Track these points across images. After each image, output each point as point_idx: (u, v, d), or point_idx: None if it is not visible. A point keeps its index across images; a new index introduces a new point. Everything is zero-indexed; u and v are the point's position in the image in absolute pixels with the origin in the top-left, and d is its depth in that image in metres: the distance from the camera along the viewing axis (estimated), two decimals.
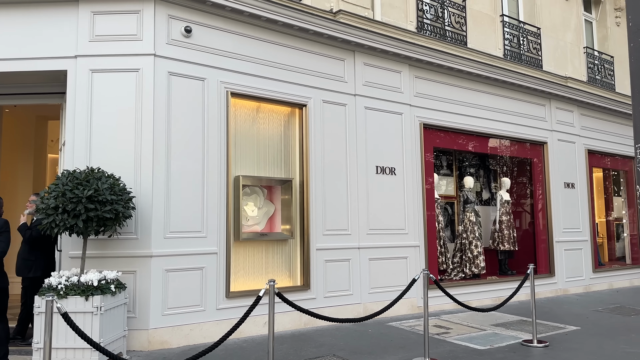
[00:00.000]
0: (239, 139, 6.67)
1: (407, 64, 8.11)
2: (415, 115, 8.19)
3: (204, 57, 6.25)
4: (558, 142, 10.50)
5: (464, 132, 9.02)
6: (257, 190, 6.88)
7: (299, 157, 6.96)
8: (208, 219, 6.08)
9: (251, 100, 6.67)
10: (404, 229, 7.82)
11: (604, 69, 11.99)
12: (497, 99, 9.44)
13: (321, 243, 6.91)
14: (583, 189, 10.86)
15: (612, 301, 9.27)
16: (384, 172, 7.68)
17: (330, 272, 6.96)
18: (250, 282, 6.52)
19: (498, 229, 9.90)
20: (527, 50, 10.37)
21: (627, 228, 12.40)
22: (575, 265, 10.43)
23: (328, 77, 7.24)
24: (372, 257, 7.39)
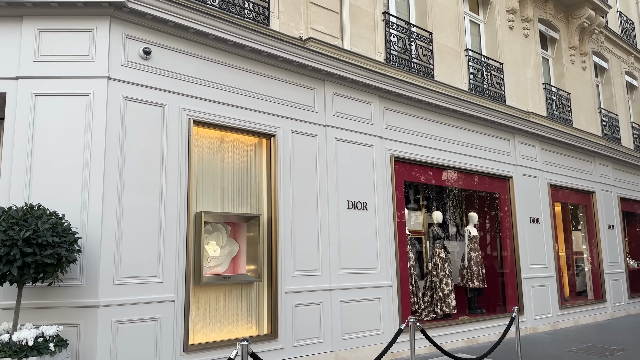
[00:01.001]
0: (202, 172, 6.08)
1: (377, 95, 7.82)
2: (386, 148, 7.86)
3: (164, 81, 5.69)
4: (522, 176, 10.45)
5: (433, 166, 8.77)
6: (220, 227, 6.26)
7: (267, 191, 6.42)
8: (165, 262, 5.40)
9: (215, 129, 6.12)
10: (376, 268, 7.36)
11: (562, 104, 12.21)
12: (464, 132, 9.29)
13: (290, 285, 6.33)
14: (547, 223, 10.82)
15: (582, 339, 9.08)
16: (356, 207, 7.24)
17: (300, 318, 6.36)
18: (211, 333, 5.82)
19: (467, 266, 9.61)
20: (490, 85, 10.37)
21: (588, 263, 12.45)
22: (542, 302, 10.25)
23: (298, 106, 6.82)
24: (344, 300, 6.85)
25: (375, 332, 7.15)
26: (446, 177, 9.19)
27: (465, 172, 9.36)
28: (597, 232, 12.35)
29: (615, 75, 14.77)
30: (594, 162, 12.64)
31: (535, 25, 11.88)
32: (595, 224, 12.37)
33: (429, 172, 8.80)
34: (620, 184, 13.48)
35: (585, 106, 13.10)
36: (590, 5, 12.58)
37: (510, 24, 11.09)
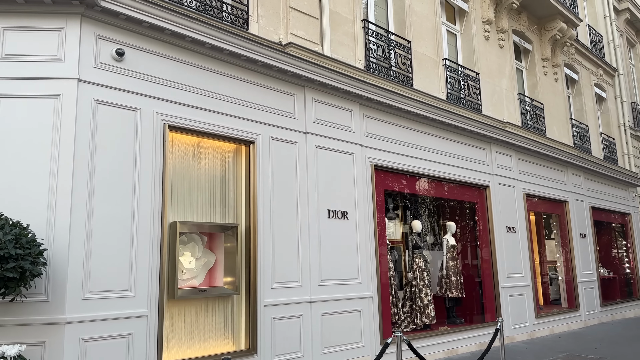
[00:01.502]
0: (177, 179, 5.81)
1: (358, 102, 7.69)
2: (367, 156, 7.73)
3: (138, 84, 5.42)
4: (499, 186, 10.48)
5: (412, 175, 8.69)
6: (195, 238, 5.98)
7: (245, 200, 6.18)
8: (137, 275, 5.10)
9: (192, 134, 5.86)
10: (357, 279, 7.19)
11: (535, 115, 12.36)
12: (442, 141, 9.26)
13: (270, 298, 6.09)
14: (523, 233, 10.87)
15: (559, 348, 9.09)
16: (337, 216, 7.06)
17: (279, 332, 6.12)
18: (186, 350, 5.53)
19: (445, 275, 9.54)
20: (467, 95, 10.40)
21: (561, 271, 12.57)
22: (519, 312, 10.25)
23: (277, 112, 6.62)
24: (325, 312, 6.64)
25: (356, 345, 6.96)
26: (425, 186, 9.13)
27: (443, 181, 9.32)
28: (570, 241, 12.49)
29: (585, 87, 15.10)
30: (567, 171, 12.82)
31: (509, 37, 12.02)
32: (569, 233, 12.51)
33: (408, 181, 8.71)
34: (591, 193, 13.72)
35: (558, 117, 13.31)
36: (562, 18, 12.83)
37: (486, 34, 11.18)
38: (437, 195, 9.70)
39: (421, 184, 9.03)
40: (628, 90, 17.57)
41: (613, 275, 14.55)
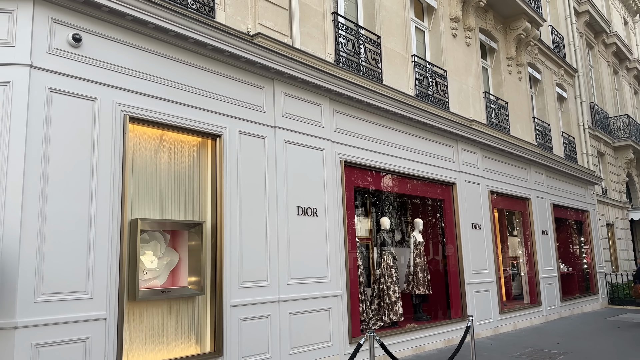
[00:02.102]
0: (138, 174, 5.50)
1: (328, 97, 7.53)
2: (336, 152, 7.58)
3: (97, 72, 5.08)
4: (465, 183, 10.54)
5: (381, 171, 8.60)
6: (157, 236, 5.69)
7: (211, 196, 5.92)
8: (95, 275, 4.78)
9: (154, 127, 5.56)
10: (326, 277, 7.03)
11: (500, 113, 12.52)
12: (411, 138, 9.21)
13: (236, 298, 5.86)
14: (488, 229, 10.98)
15: (524, 344, 9.21)
16: (306, 213, 6.89)
17: (246, 333, 5.90)
18: (148, 354, 5.24)
19: (412, 272, 9.51)
20: (435, 92, 10.40)
21: (524, 267, 12.80)
22: (484, 308, 10.35)
23: (245, 105, 6.38)
24: (294, 311, 6.46)
25: (325, 344, 6.82)
26: (393, 183, 9.06)
27: (411, 178, 9.27)
28: (533, 237, 12.73)
29: (547, 86, 15.42)
30: (530, 169, 13.05)
31: (476, 35, 12.11)
32: (531, 230, 12.75)
33: (377, 178, 8.62)
34: (552, 190, 14.03)
35: (521, 115, 13.53)
36: (527, 18, 13.03)
37: (454, 32, 11.21)
38: (405, 192, 9.65)
39: (390, 180, 8.97)
40: (587, 91, 18.08)
41: (572, 271, 14.95)
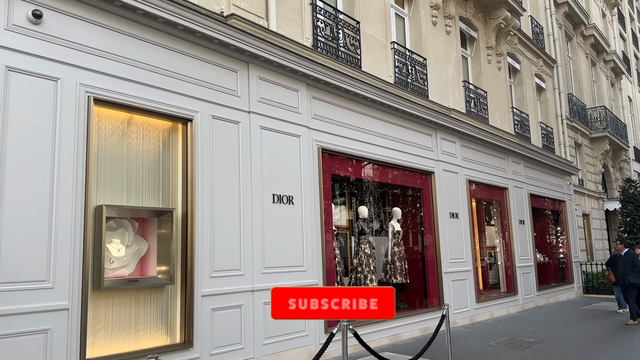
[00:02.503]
0: (104, 159, 5.26)
1: (305, 82, 7.35)
2: (313, 139, 7.42)
3: (59, 51, 4.82)
4: (444, 172, 10.49)
5: (359, 159, 8.47)
6: (126, 224, 5.47)
7: (182, 183, 5.72)
8: (57, 264, 4.56)
9: (121, 110, 5.32)
10: (302, 266, 6.90)
11: (479, 102, 12.48)
12: (390, 126, 9.09)
13: (208, 288, 5.68)
14: (465, 218, 10.96)
15: (500, 333, 9.24)
16: (282, 201, 6.73)
17: (218, 323, 5.74)
18: (114, 345, 5.05)
19: (390, 261, 9.44)
20: (415, 80, 10.29)
21: (501, 256, 12.87)
22: (461, 296, 10.36)
23: (219, 89, 6.16)
24: (268, 301, 6.30)
25: (300, 334, 6.70)
26: (372, 171, 8.95)
27: (390, 166, 9.17)
28: (510, 227, 12.79)
29: (526, 76, 15.46)
30: (507, 159, 13.08)
31: (456, 23, 12.01)
32: (508, 219, 12.80)
33: (355, 166, 8.49)
34: (530, 180, 14.10)
35: (500, 105, 13.53)
36: (507, 7, 12.98)
37: (434, 19, 11.09)
38: (383, 181, 9.57)
39: (368, 169, 8.85)
40: (565, 82, 18.20)
41: (548, 261, 15.10)
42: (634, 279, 10.17)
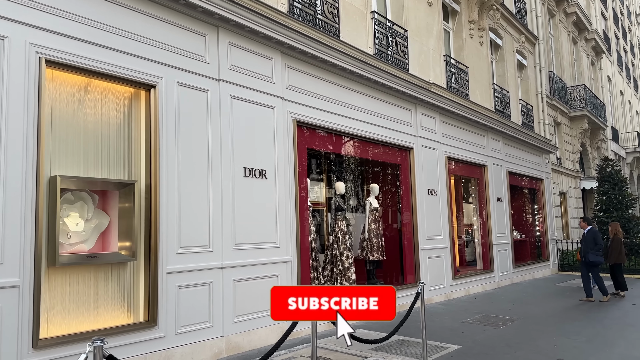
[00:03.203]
0: (59, 127, 4.88)
1: (280, 50, 6.99)
2: (288, 111, 7.10)
3: (6, 6, 4.39)
4: (423, 148, 10.29)
5: (337, 133, 8.19)
6: (85, 197, 5.13)
7: (146, 154, 5.37)
8: (5, 238, 4.23)
9: (78, 73, 4.93)
10: (275, 242, 6.66)
11: (460, 78, 12.26)
12: (368, 100, 8.81)
13: (174, 264, 5.41)
14: (443, 195, 10.83)
15: (475, 310, 9.20)
16: (254, 174, 6.43)
17: (185, 301, 5.48)
18: (72, 323, 4.76)
19: (367, 238, 9.27)
20: (395, 52, 9.99)
21: (478, 234, 12.83)
22: (437, 273, 10.29)
23: (185, 54, 5.78)
24: (238, 278, 6.08)
25: None
26: (349, 146, 8.70)
27: (368, 141, 8.92)
28: (488, 204, 12.73)
29: (508, 53, 15.26)
30: (487, 136, 12.94)
31: None
32: (486, 197, 12.73)
33: (332, 140, 8.21)
34: (509, 158, 14.03)
35: (481, 81, 13.33)
36: None
37: None
38: (361, 156, 9.34)
39: (345, 143, 8.59)
40: (546, 59, 18.08)
41: (524, 238, 15.17)
42: (593, 256, 10.19)
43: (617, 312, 8.85)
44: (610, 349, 6.22)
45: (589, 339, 6.77)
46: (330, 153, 9.52)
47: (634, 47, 38.12)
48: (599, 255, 10.15)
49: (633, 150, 30.17)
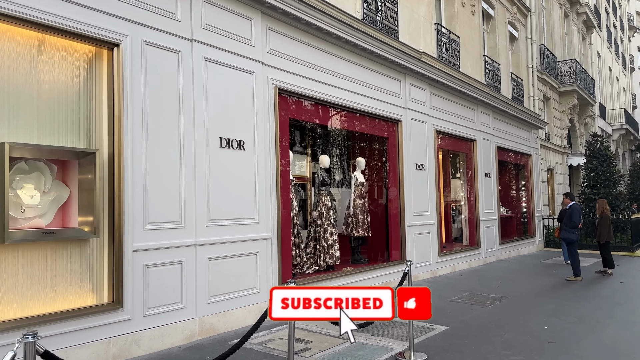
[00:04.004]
0: (8, 88, 4.34)
1: (260, 10, 6.44)
2: (269, 77, 6.60)
3: None
4: (411, 121, 9.87)
5: (322, 103, 7.72)
6: (41, 167, 4.63)
7: (109, 120, 4.86)
8: None
9: (29, 28, 4.36)
10: (254, 218, 6.24)
11: (451, 48, 11.78)
12: (355, 68, 8.32)
13: (141, 242, 4.97)
14: (432, 170, 10.48)
15: (462, 287, 8.95)
16: (231, 145, 5.96)
17: (154, 281, 5.07)
18: (26, 305, 4.31)
19: (352, 214, 8.90)
20: (384, 18, 9.47)
21: (465, 210, 12.56)
22: (424, 250, 10.00)
23: (153, 10, 5.22)
24: (214, 256, 5.67)
25: (251, 291, 6.12)
26: (335, 118, 8.23)
27: (355, 112, 8.47)
28: (476, 180, 12.42)
29: (499, 24, 14.77)
30: (477, 110, 12.56)
31: None
32: (474, 172, 12.42)
33: (316, 111, 7.74)
34: (498, 133, 13.69)
35: (472, 52, 12.87)
36: None
37: None
38: (347, 129, 8.91)
39: (331, 114, 8.12)
40: (538, 32, 17.63)
41: (511, 214, 14.97)
42: (566, 234, 9.99)
43: (606, 291, 8.67)
44: (603, 330, 5.99)
45: (580, 319, 6.54)
46: (315, 125, 9.06)
47: (623, 23, 37.78)
48: (571, 232, 9.92)
49: (619, 127, 30.14)
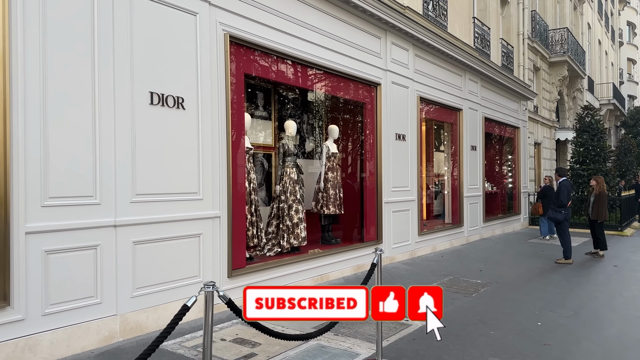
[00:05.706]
0: None
1: None
2: (218, 21, 5.44)
3: None
4: (392, 84, 8.79)
5: (287, 58, 6.60)
6: None
7: None
8: None
9: None
10: (197, 193, 5.17)
11: (438, 6, 10.65)
12: (329, 20, 7.17)
13: (37, 222, 3.87)
14: (413, 141, 9.46)
15: (443, 271, 8.07)
16: (165, 102, 4.83)
17: (56, 271, 4.00)
18: None
19: (323, 189, 7.87)
20: None
21: (448, 185, 11.64)
22: (402, 229, 9.07)
23: None
24: (141, 239, 4.60)
25: (192, 280, 5.10)
26: (303, 76, 7.11)
27: (328, 72, 7.36)
28: (461, 153, 11.47)
29: None
30: (464, 76, 11.51)
31: None
32: (460, 145, 11.46)
33: (281, 67, 6.62)
34: (486, 103, 12.70)
35: (461, 13, 11.74)
36: None
37: None
38: (319, 90, 7.81)
39: (299, 73, 7.00)
40: None
41: (496, 190, 14.13)
42: (552, 213, 9.13)
43: (601, 277, 7.87)
44: (604, 328, 5.14)
45: (576, 313, 5.69)
46: (278, 83, 7.92)
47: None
48: (558, 212, 9.03)
49: (607, 102, 29.44)
